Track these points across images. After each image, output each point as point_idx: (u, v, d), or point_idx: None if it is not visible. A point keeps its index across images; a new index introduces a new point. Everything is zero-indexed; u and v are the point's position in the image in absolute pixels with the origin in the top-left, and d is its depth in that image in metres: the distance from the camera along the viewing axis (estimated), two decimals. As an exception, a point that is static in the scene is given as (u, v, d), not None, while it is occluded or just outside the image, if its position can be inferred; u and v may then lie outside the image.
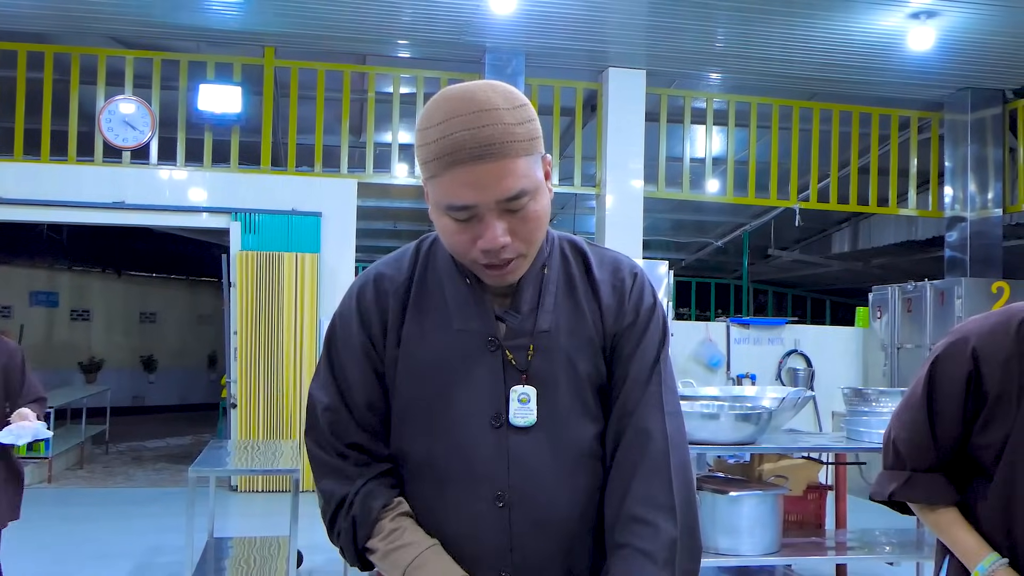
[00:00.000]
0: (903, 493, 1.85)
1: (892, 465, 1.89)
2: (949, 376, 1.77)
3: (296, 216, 8.29)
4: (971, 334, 1.77)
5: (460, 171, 1.29)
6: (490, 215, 1.32)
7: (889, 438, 1.90)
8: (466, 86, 1.34)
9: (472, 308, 1.45)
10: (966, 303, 8.08)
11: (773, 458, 4.84)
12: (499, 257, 1.35)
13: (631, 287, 1.50)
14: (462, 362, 1.43)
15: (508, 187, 1.30)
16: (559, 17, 7.53)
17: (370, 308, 1.47)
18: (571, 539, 1.42)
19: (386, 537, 1.40)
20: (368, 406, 1.46)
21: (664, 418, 1.45)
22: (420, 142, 1.34)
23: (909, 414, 1.85)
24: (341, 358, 1.48)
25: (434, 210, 1.38)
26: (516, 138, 1.30)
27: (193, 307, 16.81)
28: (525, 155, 1.32)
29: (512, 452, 1.40)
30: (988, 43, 7.74)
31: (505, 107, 1.31)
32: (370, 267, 1.54)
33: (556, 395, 1.43)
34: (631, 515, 1.38)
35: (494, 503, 1.39)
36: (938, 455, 1.82)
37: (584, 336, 1.46)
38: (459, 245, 1.36)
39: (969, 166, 9.01)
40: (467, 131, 1.28)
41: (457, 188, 1.31)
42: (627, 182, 8.75)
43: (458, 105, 1.30)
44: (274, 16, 7.79)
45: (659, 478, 1.41)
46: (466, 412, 1.41)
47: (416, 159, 1.39)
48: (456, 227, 1.35)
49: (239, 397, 8.12)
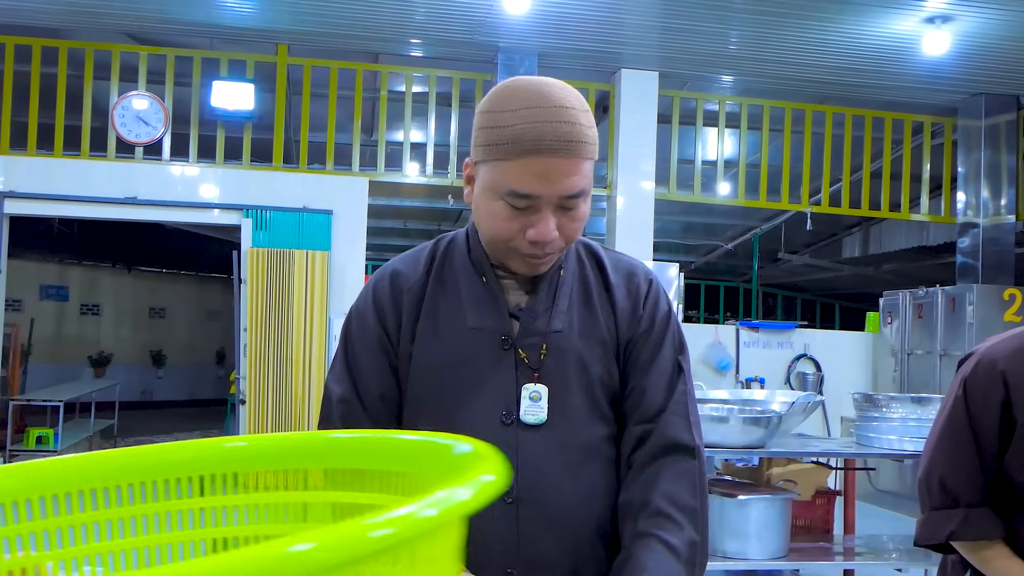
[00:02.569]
0: (963, 533, 1.72)
1: (940, 505, 1.76)
2: (984, 403, 1.69)
3: (307, 214, 8.30)
4: (999, 357, 1.69)
5: (534, 160, 1.31)
6: (547, 208, 1.35)
7: (932, 476, 1.77)
8: (541, 80, 1.37)
9: (487, 306, 1.46)
10: (978, 310, 8.05)
11: (782, 462, 4.83)
12: (543, 250, 1.38)
13: (646, 293, 1.52)
14: (475, 359, 1.44)
15: (573, 185, 1.34)
16: (572, 18, 7.53)
17: (386, 303, 1.49)
18: (578, 538, 1.43)
19: None
20: (381, 399, 1.47)
21: (691, 429, 1.47)
22: (490, 124, 1.35)
23: (950, 447, 1.74)
24: (356, 351, 1.49)
25: (486, 193, 1.38)
26: (588, 140, 1.35)
27: (202, 303, 16.86)
28: (589, 158, 1.36)
29: (521, 449, 1.41)
30: (1003, 48, 7.70)
31: (580, 108, 1.35)
32: (387, 263, 1.56)
33: (567, 395, 1.44)
34: (657, 509, 1.39)
35: (502, 500, 1.39)
36: (987, 487, 1.73)
37: (597, 339, 1.47)
38: (505, 232, 1.37)
39: (982, 172, 8.97)
40: (549, 123, 1.31)
41: (527, 176, 1.32)
42: (638, 184, 8.73)
43: (538, 97, 1.33)
44: (288, 14, 7.81)
45: (686, 483, 1.42)
46: (477, 409, 1.42)
47: (476, 139, 1.39)
48: (510, 213, 1.36)
49: (248, 393, 8.14)
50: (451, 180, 8.84)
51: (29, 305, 14.37)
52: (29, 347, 12.70)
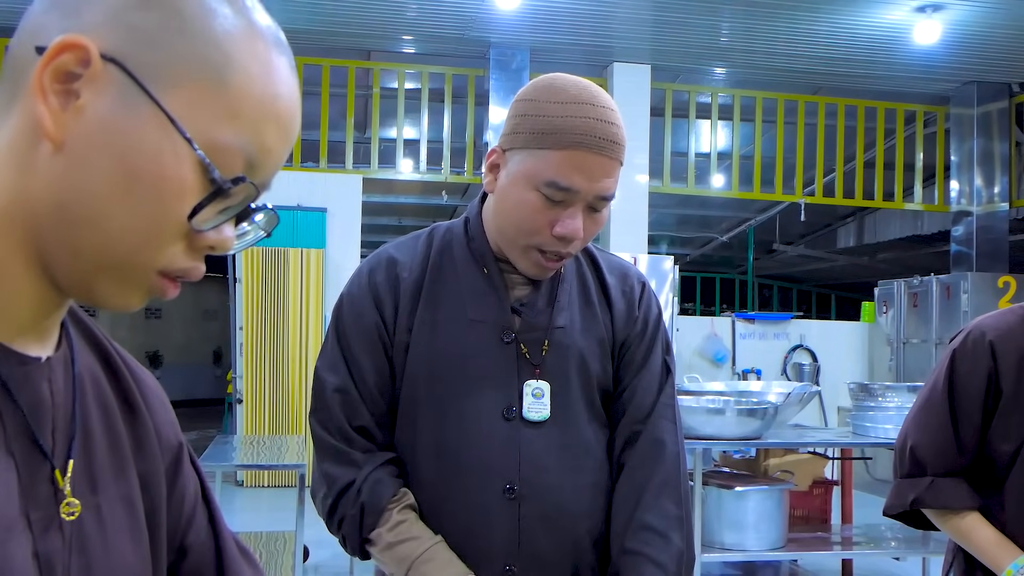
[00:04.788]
0: (927, 499, 1.73)
1: (910, 472, 1.77)
2: (969, 372, 1.69)
3: (301, 212, 8.29)
4: (988, 328, 1.70)
5: (579, 155, 1.33)
6: (579, 205, 1.36)
7: (905, 445, 1.78)
8: (586, 81, 1.40)
9: (488, 299, 1.44)
10: (972, 298, 8.06)
11: (779, 453, 4.85)
12: (566, 247, 1.38)
13: (640, 295, 1.53)
14: (475, 353, 1.43)
15: (608, 186, 1.37)
16: (564, 12, 7.52)
17: (383, 291, 1.46)
18: (578, 535, 1.43)
19: (393, 528, 1.39)
20: (378, 388, 1.45)
21: (676, 431, 1.49)
22: (535, 112, 1.35)
23: (928, 417, 1.75)
24: (351, 339, 1.46)
25: (520, 182, 1.36)
26: (625, 145, 1.39)
27: (198, 303, 16.84)
28: (621, 164, 1.39)
29: (523, 446, 1.40)
30: (994, 37, 7.71)
31: (618, 113, 1.39)
32: (380, 249, 1.53)
33: (568, 391, 1.44)
34: (643, 523, 1.40)
35: (503, 495, 1.39)
36: (961, 458, 1.72)
37: (596, 336, 1.48)
38: (533, 223, 1.36)
39: (975, 160, 8.98)
40: (599, 121, 1.34)
41: (569, 169, 1.33)
42: (632, 177, 8.73)
43: (588, 94, 1.36)
44: (279, 11, 7.79)
45: (671, 490, 1.43)
46: (478, 403, 1.41)
47: (515, 125, 1.38)
48: (541, 205, 1.35)
49: (245, 392, 8.14)
50: (445, 176, 8.84)
51: (24, 307, 14.35)
52: (25, 349, 12.69)
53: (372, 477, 1.41)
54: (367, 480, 1.40)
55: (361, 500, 1.40)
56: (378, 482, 1.41)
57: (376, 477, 1.41)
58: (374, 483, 1.40)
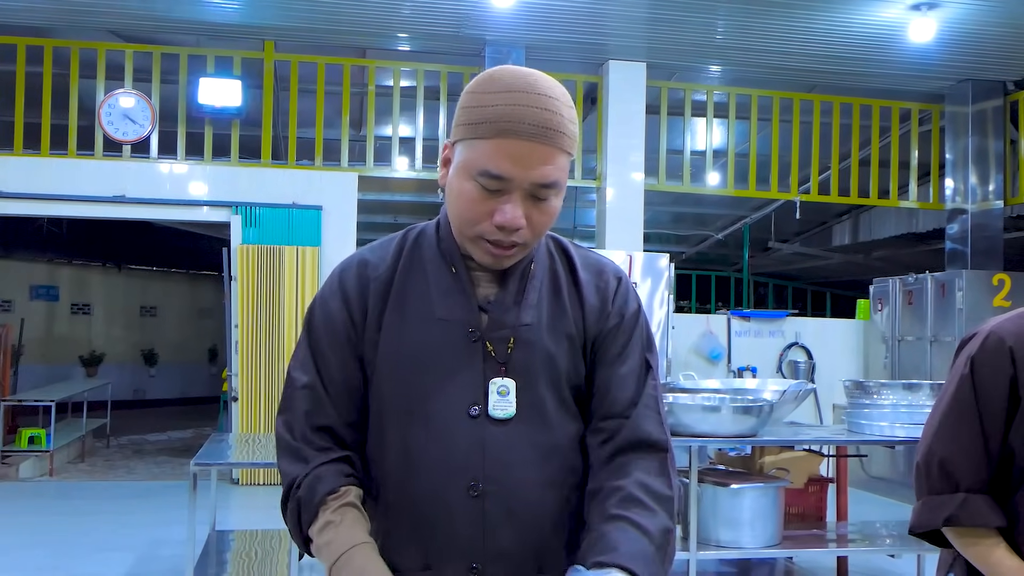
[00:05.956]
0: (961, 518, 1.64)
1: (940, 489, 1.68)
2: (992, 381, 1.64)
3: (297, 210, 8.29)
4: (1006, 334, 1.64)
5: (510, 142, 1.32)
6: (517, 194, 1.35)
7: (932, 459, 1.69)
8: (530, 70, 1.38)
9: (456, 298, 1.44)
10: (967, 295, 8.08)
11: (774, 451, 4.85)
12: (508, 238, 1.37)
13: (615, 290, 1.51)
14: (442, 351, 1.43)
15: (547, 174, 1.34)
16: (559, 10, 7.52)
17: (352, 292, 1.47)
18: (544, 533, 1.42)
19: (322, 528, 1.39)
20: (346, 388, 1.46)
21: (661, 422, 1.47)
22: (473, 103, 1.35)
23: (955, 428, 1.67)
24: (321, 340, 1.47)
25: (460, 173, 1.37)
26: (566, 132, 1.35)
27: (193, 301, 16.81)
28: (566, 152, 1.36)
29: (488, 443, 1.40)
30: (989, 35, 7.72)
31: (564, 101, 1.36)
32: (354, 252, 1.54)
33: (535, 389, 1.43)
34: (630, 494, 1.38)
35: (467, 493, 1.39)
36: (991, 470, 1.66)
37: (564, 333, 1.46)
38: (474, 214, 1.37)
39: (970, 158, 8.99)
40: (530, 108, 1.32)
41: (501, 157, 1.32)
42: (628, 175, 8.74)
43: (523, 83, 1.34)
44: (274, 10, 7.78)
45: (661, 476, 1.42)
46: (444, 401, 1.41)
47: (457, 118, 1.39)
48: (479, 195, 1.35)
49: (240, 391, 8.13)
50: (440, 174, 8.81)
51: (19, 305, 14.31)
52: (20, 348, 12.65)
53: (313, 473, 1.41)
54: (308, 476, 1.41)
55: (298, 495, 1.41)
56: (317, 478, 1.41)
57: (318, 473, 1.41)
58: (313, 479, 1.41)
